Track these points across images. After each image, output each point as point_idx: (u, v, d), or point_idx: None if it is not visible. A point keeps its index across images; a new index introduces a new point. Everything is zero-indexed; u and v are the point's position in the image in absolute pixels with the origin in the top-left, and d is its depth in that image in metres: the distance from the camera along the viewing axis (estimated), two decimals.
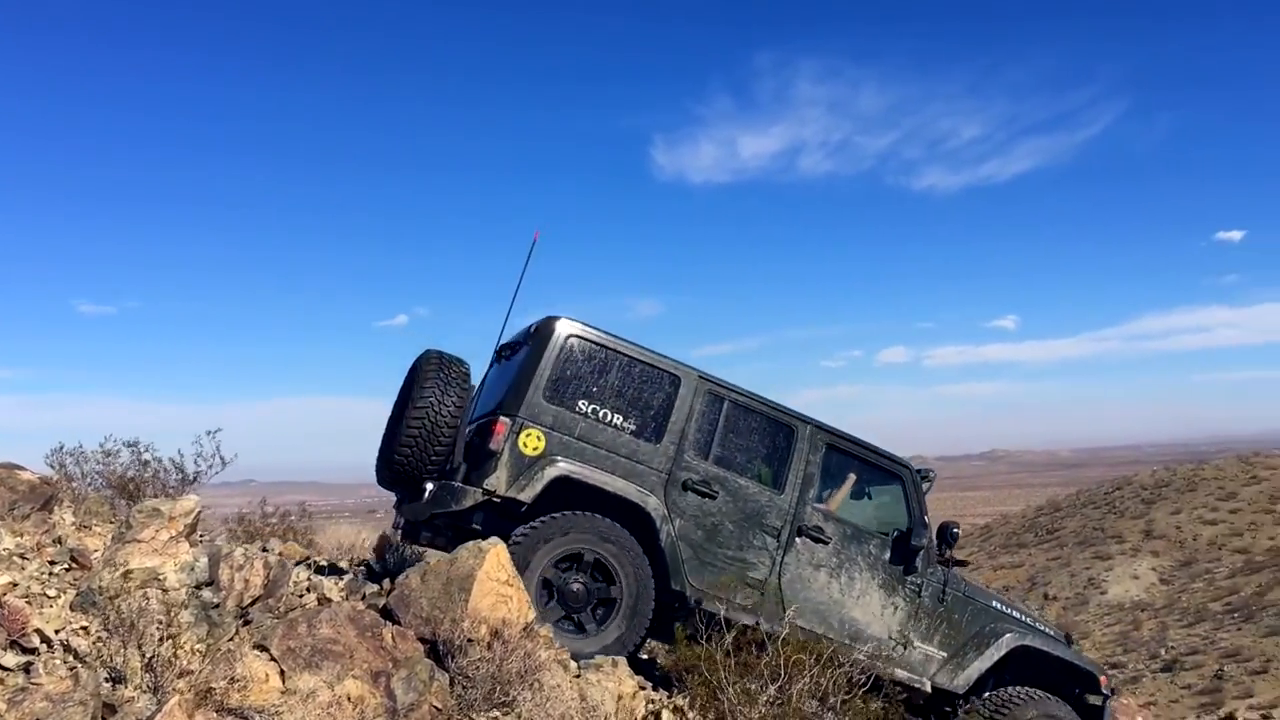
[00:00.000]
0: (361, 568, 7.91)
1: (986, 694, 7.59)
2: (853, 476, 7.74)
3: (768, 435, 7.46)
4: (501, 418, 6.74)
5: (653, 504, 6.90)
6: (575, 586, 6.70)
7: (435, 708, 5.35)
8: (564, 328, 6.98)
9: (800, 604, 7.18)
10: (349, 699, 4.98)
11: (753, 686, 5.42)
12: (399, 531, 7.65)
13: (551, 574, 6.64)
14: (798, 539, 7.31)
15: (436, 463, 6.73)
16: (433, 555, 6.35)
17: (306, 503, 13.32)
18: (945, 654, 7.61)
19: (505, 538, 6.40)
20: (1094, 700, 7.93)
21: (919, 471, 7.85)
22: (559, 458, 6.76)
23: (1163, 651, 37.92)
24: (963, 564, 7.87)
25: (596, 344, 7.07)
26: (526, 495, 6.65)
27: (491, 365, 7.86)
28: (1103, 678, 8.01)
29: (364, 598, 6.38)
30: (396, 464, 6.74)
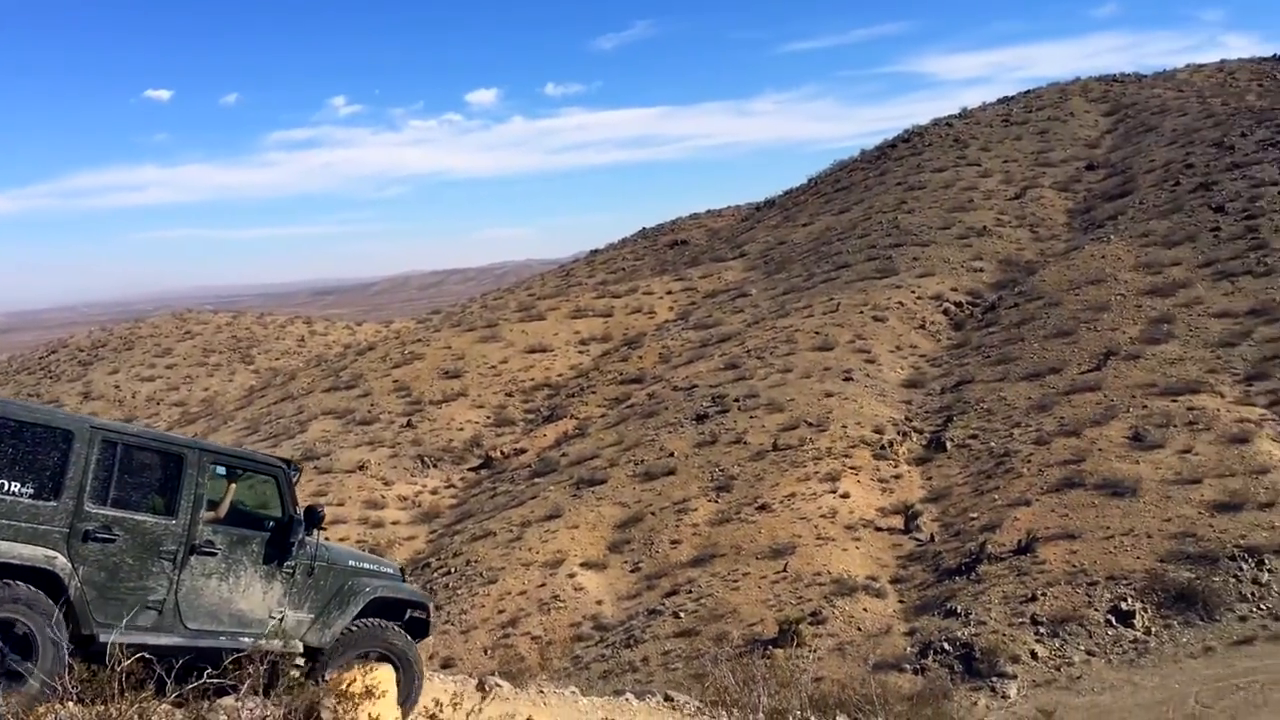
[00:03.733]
0: None
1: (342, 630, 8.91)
2: (234, 486, 8.39)
3: (160, 468, 7.88)
4: None
5: (60, 564, 7.08)
6: None
7: None
8: None
9: (195, 611, 7.90)
10: None
11: None
12: None
13: None
14: (192, 557, 7.91)
15: None
16: None
17: None
18: (313, 616, 8.67)
19: None
20: (421, 615, 9.68)
21: (288, 464, 8.79)
22: None
23: None
24: (321, 528, 8.96)
25: None
26: None
27: None
28: (431, 604, 9.94)
29: None
30: None
